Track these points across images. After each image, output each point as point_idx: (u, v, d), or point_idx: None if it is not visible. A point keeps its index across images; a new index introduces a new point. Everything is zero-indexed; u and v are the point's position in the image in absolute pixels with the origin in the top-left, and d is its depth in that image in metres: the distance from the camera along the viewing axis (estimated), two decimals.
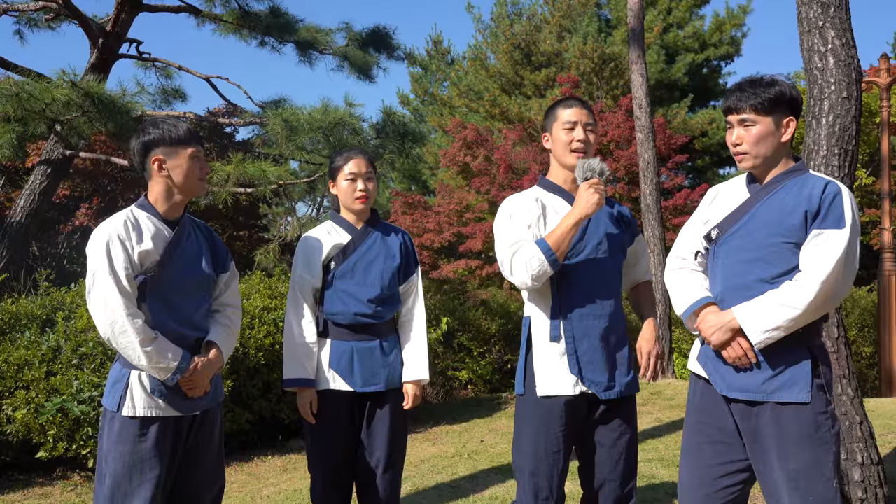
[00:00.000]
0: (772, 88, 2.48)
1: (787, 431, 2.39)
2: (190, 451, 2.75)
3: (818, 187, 2.43)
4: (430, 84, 25.55)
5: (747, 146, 2.50)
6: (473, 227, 16.06)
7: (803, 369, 2.40)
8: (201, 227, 2.91)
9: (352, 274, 3.16)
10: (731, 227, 2.55)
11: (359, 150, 3.25)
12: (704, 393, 2.60)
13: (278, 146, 7.81)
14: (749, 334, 2.38)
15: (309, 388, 3.12)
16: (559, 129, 2.82)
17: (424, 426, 6.74)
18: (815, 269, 2.33)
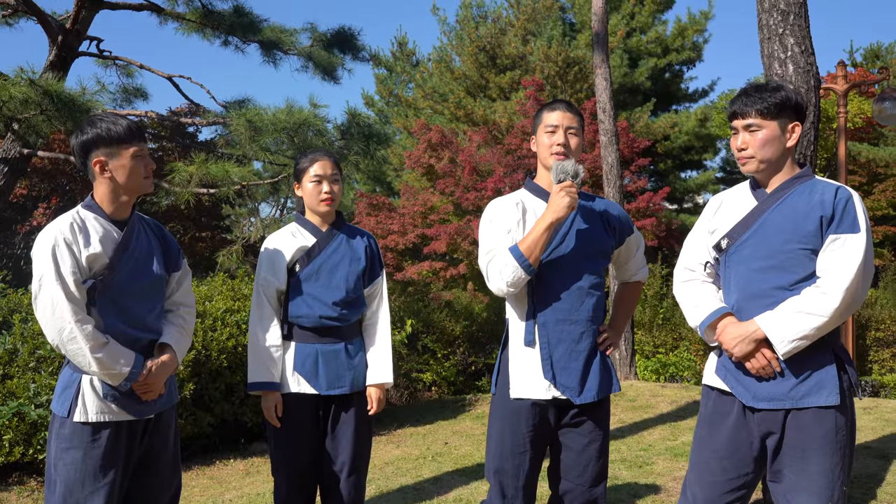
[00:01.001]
0: (777, 94, 2.51)
1: (812, 436, 2.41)
2: (145, 455, 2.71)
3: (829, 192, 2.45)
4: (394, 85, 25.49)
5: (753, 150, 2.51)
6: (438, 229, 16.04)
7: (830, 373, 2.42)
8: (151, 225, 2.83)
9: (317, 277, 3.14)
10: (741, 236, 2.55)
11: (324, 151, 3.23)
12: (717, 405, 2.60)
13: (242, 147, 7.72)
14: (775, 345, 2.38)
15: (273, 392, 3.09)
16: (542, 132, 2.82)
17: (388, 428, 6.72)
18: (838, 275, 2.34)
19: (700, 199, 22.28)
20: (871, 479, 4.52)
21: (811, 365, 2.41)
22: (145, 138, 2.70)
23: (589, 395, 2.74)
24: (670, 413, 6.63)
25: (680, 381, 9.78)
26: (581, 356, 2.74)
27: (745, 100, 2.51)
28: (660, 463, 5.06)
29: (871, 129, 19.31)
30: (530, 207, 2.82)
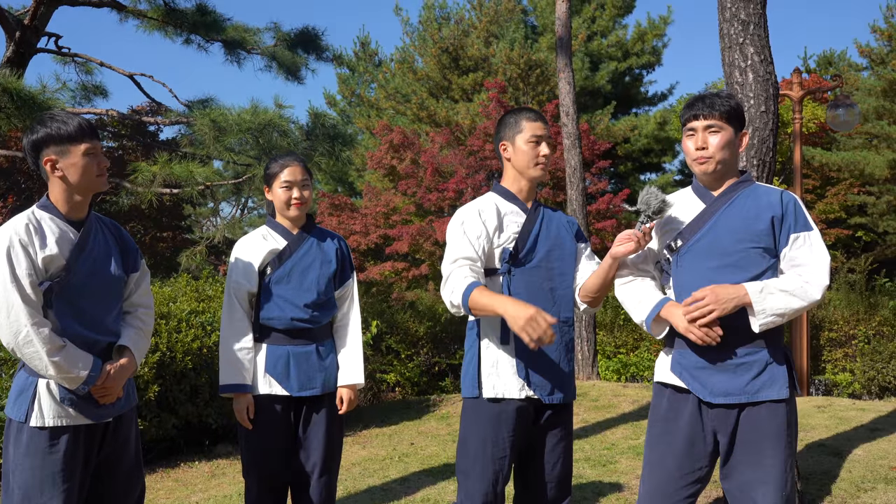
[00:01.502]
0: (733, 100, 2.66)
1: (765, 429, 2.52)
2: (105, 459, 2.67)
3: (775, 195, 2.61)
4: (357, 86, 25.43)
5: (713, 151, 2.61)
6: (400, 230, 16.06)
7: (780, 368, 2.55)
8: (108, 225, 2.78)
9: (288, 279, 3.16)
10: (693, 236, 2.65)
11: (294, 157, 3.24)
12: (671, 402, 2.68)
13: (206, 147, 7.67)
14: (756, 313, 2.47)
15: (245, 394, 3.10)
16: (524, 141, 2.82)
17: (354, 429, 6.73)
18: (817, 268, 2.49)
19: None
20: (826, 476, 4.66)
21: (765, 360, 2.54)
22: (98, 136, 2.64)
23: (558, 397, 2.79)
24: (632, 412, 6.74)
25: (640, 380, 9.93)
26: (553, 356, 2.80)
27: (709, 101, 2.62)
28: (623, 462, 5.16)
29: (823, 135, 19.75)
30: (504, 211, 2.84)
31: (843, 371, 9.61)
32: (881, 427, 5.79)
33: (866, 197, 19.52)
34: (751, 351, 2.54)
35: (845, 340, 9.77)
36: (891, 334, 9.62)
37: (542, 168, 2.84)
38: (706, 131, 2.61)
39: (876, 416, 6.18)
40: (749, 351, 2.54)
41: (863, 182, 19.19)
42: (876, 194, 19.41)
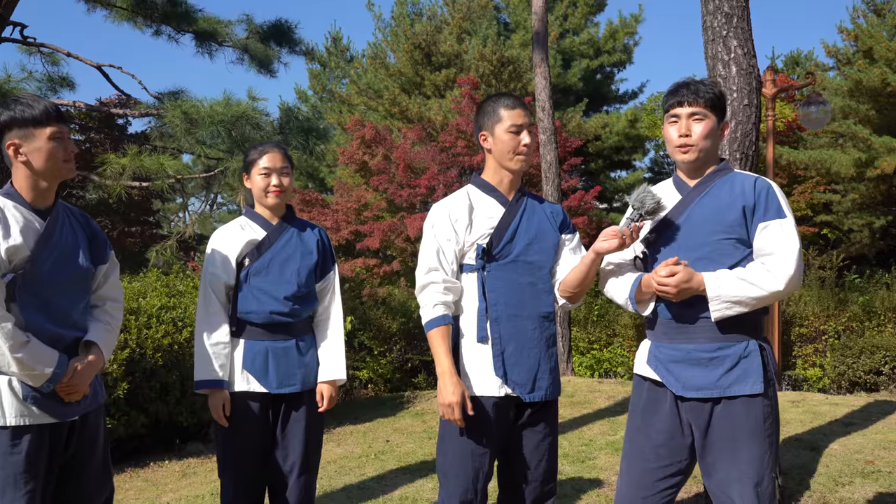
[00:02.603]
0: (717, 88, 2.61)
1: (740, 425, 2.47)
2: (71, 460, 2.56)
3: (748, 183, 2.55)
4: (328, 81, 25.25)
5: (696, 139, 2.56)
6: (371, 226, 15.95)
7: (755, 362, 2.49)
8: (76, 214, 2.65)
9: (267, 271, 3.06)
10: (668, 228, 2.61)
11: (275, 144, 3.15)
12: (650, 394, 2.65)
13: (177, 139, 7.53)
14: (710, 301, 2.43)
15: (221, 390, 3.00)
16: (503, 131, 2.73)
17: (327, 427, 6.63)
18: (783, 257, 2.43)
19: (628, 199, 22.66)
20: (804, 470, 4.67)
21: (738, 354, 2.49)
22: (65, 119, 2.52)
23: (539, 394, 2.73)
24: (608, 408, 6.73)
25: (614, 376, 9.95)
26: (532, 352, 2.73)
27: (694, 88, 2.56)
28: (601, 457, 5.13)
29: (791, 133, 19.99)
30: (477, 204, 2.77)
31: (813, 366, 9.71)
32: (855, 421, 5.83)
33: (832, 195, 19.78)
34: (724, 345, 2.50)
35: (816, 336, 9.88)
36: (860, 330, 9.74)
37: (524, 158, 2.76)
38: (690, 118, 2.56)
39: (849, 411, 6.22)
40: (722, 345, 2.50)
41: (829, 180, 19.44)
42: (841, 192, 19.68)
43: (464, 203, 2.77)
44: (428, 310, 2.69)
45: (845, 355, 9.20)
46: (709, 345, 2.51)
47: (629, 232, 2.55)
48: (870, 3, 22.73)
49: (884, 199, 19.07)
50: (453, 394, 2.59)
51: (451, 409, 2.59)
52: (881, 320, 9.83)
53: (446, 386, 2.61)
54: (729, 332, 2.50)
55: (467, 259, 2.75)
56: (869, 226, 19.25)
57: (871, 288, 10.83)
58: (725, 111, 2.64)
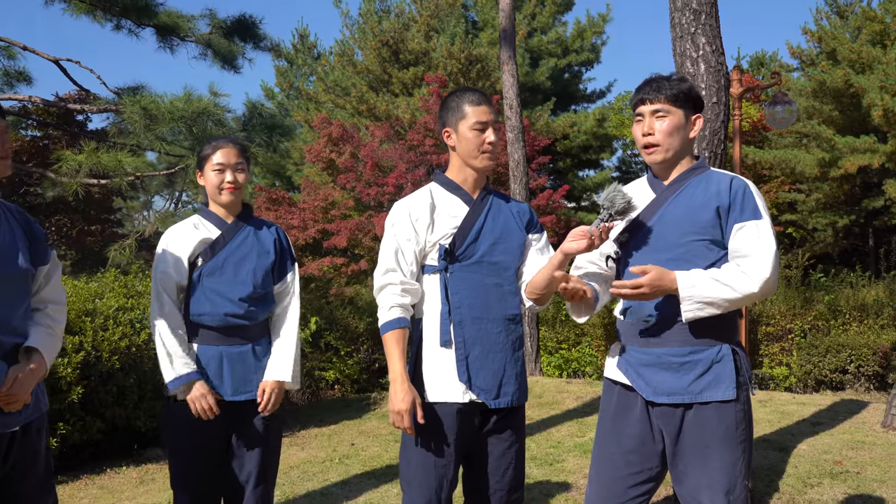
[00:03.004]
0: (684, 83, 2.51)
1: (711, 431, 2.39)
2: (11, 471, 2.39)
3: (724, 182, 2.45)
4: (295, 78, 25.05)
5: (660, 137, 2.46)
6: (338, 224, 15.82)
7: (727, 367, 2.40)
8: (14, 211, 2.47)
9: (221, 271, 2.92)
10: (641, 229, 2.51)
11: (229, 138, 3.01)
12: (620, 399, 2.56)
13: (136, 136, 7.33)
14: (682, 301, 2.33)
15: (198, 381, 2.84)
16: (468, 128, 2.62)
17: (291, 429, 6.50)
18: (758, 259, 2.33)
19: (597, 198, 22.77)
20: (773, 471, 4.64)
21: (710, 359, 2.40)
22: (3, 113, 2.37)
23: (505, 400, 2.62)
24: (576, 409, 6.67)
25: (582, 376, 9.91)
26: (498, 357, 2.62)
27: (656, 85, 2.47)
28: (570, 460, 5.06)
29: (756, 133, 20.18)
30: (440, 202, 2.66)
31: (779, 365, 9.75)
32: (822, 421, 5.83)
33: (797, 195, 20.02)
34: (696, 349, 2.41)
35: (782, 335, 9.92)
36: (826, 329, 9.80)
37: (489, 157, 2.65)
38: (653, 116, 2.46)
39: (816, 411, 6.22)
40: (695, 349, 2.41)
41: (793, 180, 19.67)
42: (806, 192, 19.93)
43: (425, 201, 2.66)
44: (384, 312, 2.58)
45: (811, 354, 9.25)
46: (680, 349, 2.42)
47: (598, 232, 2.44)
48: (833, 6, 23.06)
49: (847, 199, 19.34)
50: (403, 401, 2.49)
51: (401, 417, 2.49)
52: (846, 319, 9.90)
53: (396, 392, 2.51)
54: (701, 335, 2.41)
55: (429, 260, 2.64)
56: (832, 225, 19.51)
57: (836, 287, 10.92)
58: (697, 104, 2.54)
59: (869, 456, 4.86)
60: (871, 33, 18.66)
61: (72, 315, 5.28)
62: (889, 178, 17.20)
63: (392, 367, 2.54)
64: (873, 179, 19.00)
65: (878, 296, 10.09)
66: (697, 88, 2.56)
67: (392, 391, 2.53)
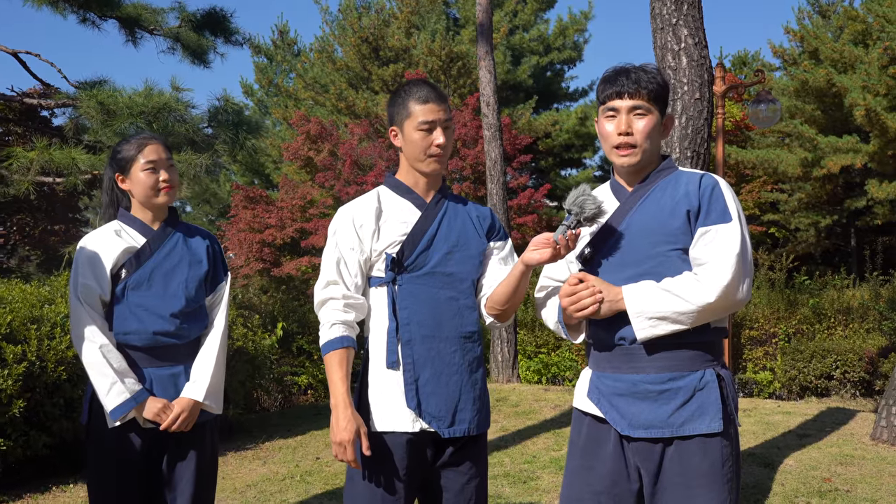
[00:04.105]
0: (661, 77, 2.19)
1: (695, 469, 2.09)
2: None
3: (693, 182, 2.15)
4: (274, 75, 24.72)
5: (639, 138, 2.15)
6: (316, 223, 15.57)
7: (712, 395, 2.10)
8: None
9: (148, 284, 2.61)
10: (606, 242, 2.20)
11: (151, 135, 2.69)
12: (591, 432, 2.24)
13: (94, 132, 7.01)
14: (632, 320, 2.06)
15: (149, 399, 2.55)
16: (413, 129, 2.32)
17: (255, 441, 6.19)
18: (715, 269, 2.04)
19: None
20: (758, 490, 4.38)
21: (693, 386, 2.10)
22: None
23: (460, 429, 2.31)
24: (554, 419, 6.39)
25: (562, 382, 9.65)
26: (452, 379, 2.31)
27: (634, 77, 2.15)
28: (545, 477, 4.78)
29: (738, 133, 20.04)
30: (388, 207, 2.36)
31: (763, 370, 9.53)
32: (809, 433, 5.59)
33: (779, 194, 19.91)
34: (676, 375, 2.10)
35: (766, 339, 9.70)
36: (811, 333, 9.59)
37: (438, 160, 2.33)
38: (631, 113, 2.15)
39: (802, 421, 5.98)
40: (674, 375, 2.10)
41: (776, 180, 19.56)
42: (788, 192, 19.83)
43: (371, 206, 2.36)
44: (325, 330, 2.28)
45: (796, 359, 9.03)
46: (658, 375, 2.12)
47: (564, 241, 2.13)
48: (815, 5, 23.00)
49: (829, 199, 19.24)
50: (345, 430, 2.19)
51: (343, 449, 2.20)
52: (831, 322, 9.70)
53: (339, 421, 2.20)
54: (681, 359, 2.11)
55: (375, 271, 2.34)
56: (815, 225, 19.42)
57: (819, 290, 10.72)
58: (665, 102, 2.23)
59: (859, 472, 4.61)
60: (854, 33, 18.56)
61: (16, 322, 4.94)
62: (871, 177, 17.11)
63: (334, 392, 2.24)
64: (856, 179, 18.94)
65: (862, 299, 9.90)
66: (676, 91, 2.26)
67: (334, 419, 2.23)
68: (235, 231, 17.16)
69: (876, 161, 16.61)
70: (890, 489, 4.32)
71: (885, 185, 16.35)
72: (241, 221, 17.04)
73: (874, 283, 11.10)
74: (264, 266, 17.34)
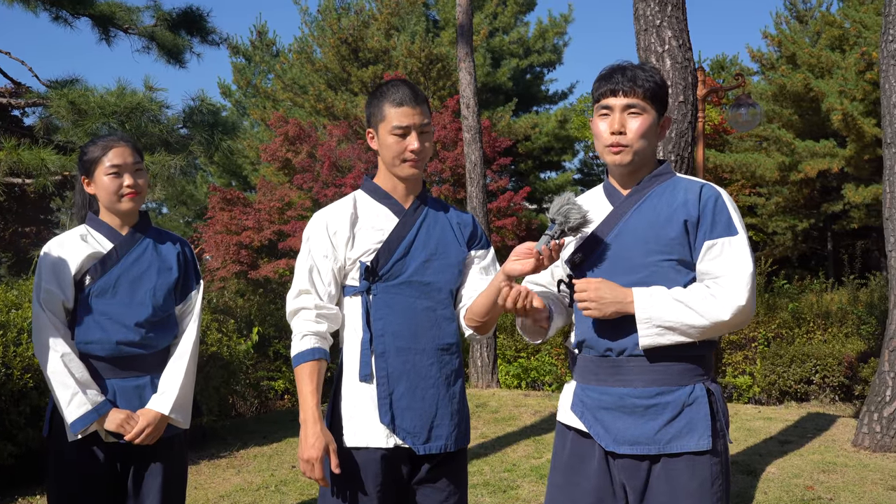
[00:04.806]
0: (658, 76, 2.10)
1: (682, 488, 2.00)
2: None
3: (693, 191, 2.07)
4: (253, 76, 24.53)
5: (632, 137, 2.06)
6: (294, 226, 15.43)
7: (701, 410, 2.02)
8: None
9: (114, 291, 2.49)
10: (596, 248, 2.12)
11: (120, 136, 2.57)
12: (575, 447, 2.15)
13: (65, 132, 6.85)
14: (639, 324, 1.97)
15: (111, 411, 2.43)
16: (387, 132, 2.22)
17: (230, 449, 6.05)
18: (731, 287, 1.97)
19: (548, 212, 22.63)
20: (741, 498, 4.33)
21: (682, 401, 2.02)
22: None
23: (437, 445, 2.22)
24: (534, 425, 6.32)
25: (541, 386, 9.58)
26: (428, 393, 2.22)
27: (630, 75, 2.07)
28: (525, 486, 4.69)
29: (717, 136, 20.14)
30: (364, 213, 2.27)
31: (742, 374, 9.52)
32: (791, 439, 5.55)
33: (756, 198, 20.03)
34: (665, 389, 2.02)
35: (745, 343, 9.69)
36: (790, 337, 9.59)
37: (413, 165, 2.23)
38: (625, 112, 2.07)
39: (783, 427, 5.95)
40: (663, 389, 2.02)
41: (754, 183, 19.68)
42: (766, 195, 19.95)
43: (346, 212, 2.26)
44: (296, 341, 2.19)
45: (776, 364, 9.02)
46: (646, 389, 2.03)
47: (548, 251, 2.03)
48: (792, 10, 23.16)
49: (806, 203, 19.37)
50: (313, 447, 2.10)
51: (311, 467, 2.10)
52: (810, 327, 9.71)
53: (307, 437, 2.12)
54: (671, 373, 2.03)
55: (350, 280, 2.25)
56: (792, 229, 19.54)
57: (799, 294, 10.73)
58: (667, 104, 2.17)
59: (841, 480, 4.57)
60: (831, 38, 18.70)
61: None
62: (848, 182, 17.24)
63: (303, 406, 2.15)
64: (832, 183, 19.07)
65: (841, 303, 9.92)
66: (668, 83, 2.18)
67: (302, 435, 2.13)
68: (212, 233, 16.97)
69: (852, 165, 16.74)
70: (873, 497, 4.28)
71: (861, 189, 16.49)
72: (218, 223, 16.85)
73: (851, 287, 11.14)
74: (241, 268, 17.16)
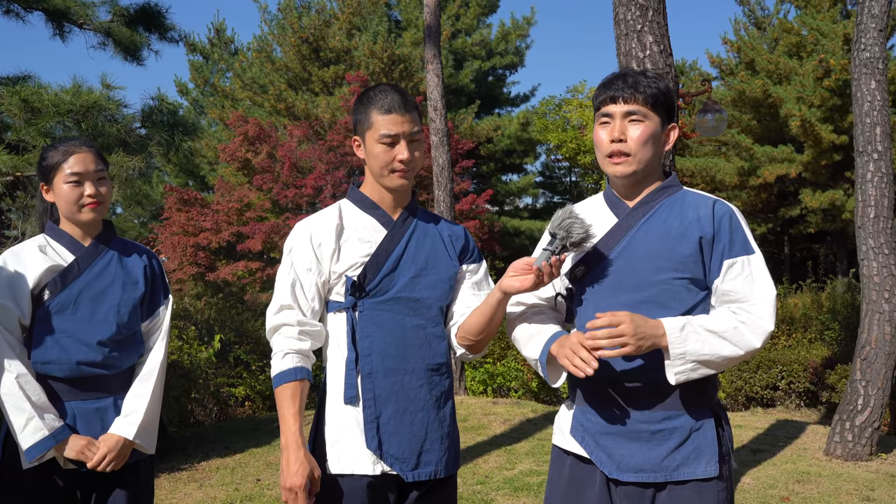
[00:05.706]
0: (662, 83, 2.00)
1: None
2: None
3: (706, 207, 1.97)
4: (210, 74, 24.13)
5: (633, 146, 1.96)
6: (253, 227, 15.19)
7: (708, 436, 1.93)
8: None
9: (74, 307, 2.31)
10: (600, 262, 2.00)
11: (82, 141, 2.38)
12: (574, 473, 2.04)
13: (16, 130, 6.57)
14: (672, 359, 1.85)
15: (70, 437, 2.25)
16: (374, 141, 2.09)
17: (191, 461, 5.84)
18: (760, 308, 1.88)
19: (520, 202, 22.67)
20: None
21: (689, 427, 1.93)
22: None
23: (426, 471, 2.09)
24: (504, 434, 6.22)
25: (508, 393, 9.50)
26: (417, 417, 2.09)
27: (631, 81, 1.98)
28: (499, 500, 4.58)
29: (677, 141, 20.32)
30: (350, 224, 2.14)
31: None
32: (763, 448, 5.52)
33: None
34: (672, 414, 1.93)
35: None
36: None
37: (402, 176, 2.10)
38: (626, 119, 1.97)
39: (755, 435, 5.93)
40: (669, 414, 1.93)
41: (714, 188, 19.86)
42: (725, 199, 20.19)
43: (331, 223, 2.12)
44: (277, 360, 2.05)
45: (742, 370, 9.06)
46: (653, 413, 1.93)
47: (548, 268, 1.92)
48: (751, 17, 23.47)
49: (764, 207, 19.64)
50: (296, 474, 1.96)
51: (294, 496, 1.96)
52: (775, 332, 9.77)
53: (289, 465, 1.98)
54: (678, 397, 1.93)
55: (334, 295, 2.11)
56: None
57: None
58: (672, 111, 2.06)
59: (816, 490, 4.54)
60: (788, 45, 18.97)
61: None
62: (805, 187, 17.49)
63: (284, 430, 2.01)
64: (790, 188, 19.35)
65: (805, 307, 10.00)
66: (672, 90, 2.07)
67: (284, 461, 1.99)
68: (169, 234, 16.63)
69: (810, 171, 16.99)
70: None
71: (818, 194, 16.74)
72: (175, 224, 16.51)
73: (811, 291, 11.26)
74: (199, 270, 16.85)
